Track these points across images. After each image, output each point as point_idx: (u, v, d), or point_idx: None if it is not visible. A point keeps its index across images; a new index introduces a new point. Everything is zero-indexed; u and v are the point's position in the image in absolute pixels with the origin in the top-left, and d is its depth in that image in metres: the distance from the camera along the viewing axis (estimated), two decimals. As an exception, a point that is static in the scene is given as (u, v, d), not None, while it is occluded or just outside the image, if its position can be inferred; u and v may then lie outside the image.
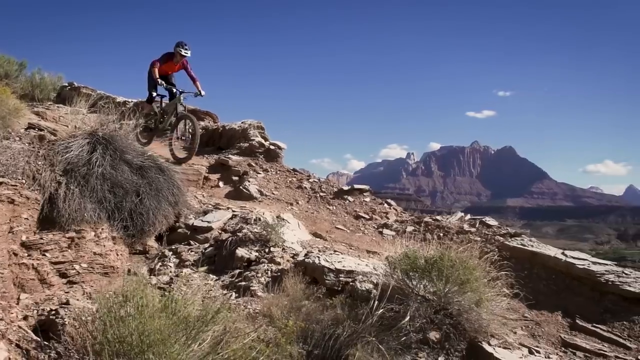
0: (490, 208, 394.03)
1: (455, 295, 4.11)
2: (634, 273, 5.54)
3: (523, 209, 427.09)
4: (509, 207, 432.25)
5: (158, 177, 6.18)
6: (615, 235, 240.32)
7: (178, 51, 9.16)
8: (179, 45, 9.18)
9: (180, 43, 9.21)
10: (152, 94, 9.57)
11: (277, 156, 11.26)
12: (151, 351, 2.16)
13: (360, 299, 4.40)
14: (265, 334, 3.67)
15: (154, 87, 9.43)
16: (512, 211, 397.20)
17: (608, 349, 4.49)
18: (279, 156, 11.29)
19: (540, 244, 6.47)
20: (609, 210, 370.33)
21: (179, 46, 9.16)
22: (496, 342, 4.03)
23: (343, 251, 6.12)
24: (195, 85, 9.46)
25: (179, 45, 9.19)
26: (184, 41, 9.24)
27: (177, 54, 9.22)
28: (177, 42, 9.25)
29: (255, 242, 6.14)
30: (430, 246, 4.59)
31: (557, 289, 5.66)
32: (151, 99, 9.69)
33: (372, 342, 3.63)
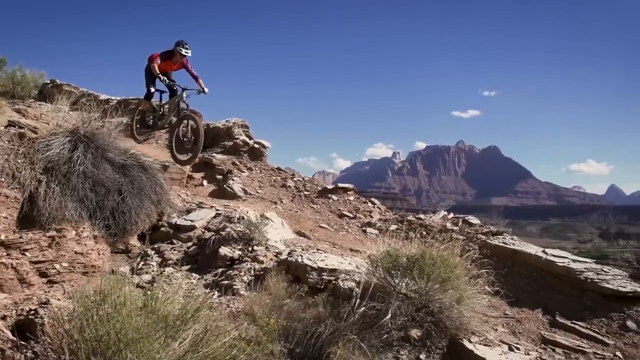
0: (475, 207, 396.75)
1: (436, 293, 4.14)
2: (612, 271, 5.62)
3: (507, 208, 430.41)
4: (493, 206, 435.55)
5: (140, 176, 6.15)
6: (598, 234, 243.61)
7: (178, 50, 8.79)
8: (179, 44, 8.81)
9: (180, 42, 8.82)
10: (150, 89, 9.21)
11: (261, 155, 11.26)
12: (129, 350, 2.15)
13: (342, 297, 4.41)
14: (247, 333, 3.67)
15: (152, 82, 9.09)
16: (496, 210, 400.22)
17: (587, 345, 4.54)
18: (263, 155, 11.28)
19: (521, 243, 6.54)
20: (591, 210, 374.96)
21: (179, 45, 8.80)
22: (477, 340, 4.06)
23: (326, 250, 6.13)
24: (198, 83, 9.09)
25: (179, 44, 8.82)
26: (184, 40, 8.85)
27: (177, 53, 8.85)
28: (177, 41, 8.85)
29: (238, 240, 6.13)
30: (412, 244, 4.62)
31: (538, 286, 5.72)
32: (149, 95, 9.33)
33: (353, 340, 3.64)
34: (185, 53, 8.77)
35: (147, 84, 9.15)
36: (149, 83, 9.11)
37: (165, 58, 8.86)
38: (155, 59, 8.72)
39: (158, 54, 8.80)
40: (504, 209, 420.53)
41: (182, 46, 8.73)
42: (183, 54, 8.76)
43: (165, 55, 8.86)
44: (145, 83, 9.23)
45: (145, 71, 9.11)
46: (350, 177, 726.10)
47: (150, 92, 9.19)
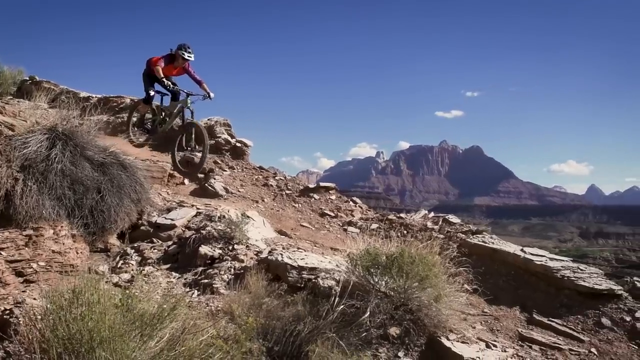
0: (458, 207, 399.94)
1: (415, 291, 4.17)
2: (588, 269, 5.71)
3: (490, 208, 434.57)
4: (476, 206, 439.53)
5: (120, 174, 6.11)
6: (578, 234, 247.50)
7: (180, 54, 8.45)
8: (182, 47, 8.46)
9: (183, 45, 8.48)
10: (150, 92, 8.87)
11: (243, 153, 11.22)
12: (101, 348, 2.13)
13: (322, 296, 4.42)
14: (225, 331, 3.66)
15: (151, 85, 8.80)
16: (479, 210, 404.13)
17: (563, 342, 4.61)
18: (245, 153, 11.25)
19: (500, 241, 6.60)
20: (571, 209, 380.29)
21: (182, 49, 8.45)
22: (455, 337, 4.10)
23: (307, 248, 6.14)
24: (203, 88, 8.80)
25: (181, 47, 8.47)
26: (186, 43, 8.53)
27: (179, 57, 8.52)
28: (179, 45, 8.51)
29: (219, 239, 6.11)
30: (392, 243, 4.64)
31: (516, 284, 5.79)
32: (149, 98, 8.98)
33: (332, 338, 3.66)
34: (188, 57, 8.47)
35: (146, 87, 8.85)
36: (148, 86, 8.82)
37: (167, 62, 8.55)
38: (158, 62, 8.38)
39: (158, 57, 8.48)
40: (487, 208, 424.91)
41: (185, 50, 8.42)
42: (186, 58, 8.46)
43: (167, 59, 8.55)
44: (144, 86, 8.93)
45: (144, 74, 8.81)
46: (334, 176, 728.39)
47: (150, 96, 8.90)
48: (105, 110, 10.73)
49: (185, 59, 8.48)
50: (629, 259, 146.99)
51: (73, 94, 11.74)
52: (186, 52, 8.40)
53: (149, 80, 8.79)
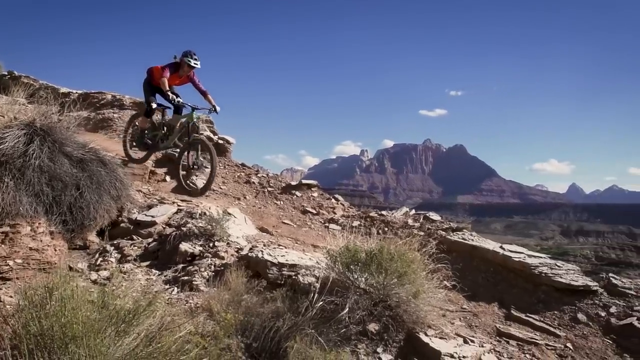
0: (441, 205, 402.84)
1: (394, 288, 4.19)
2: (565, 265, 5.81)
3: (473, 206, 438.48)
4: (459, 204, 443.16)
5: (100, 170, 6.04)
6: (559, 232, 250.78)
7: (186, 62, 7.89)
8: (188, 54, 7.92)
9: (189, 52, 7.93)
10: (152, 105, 8.29)
11: (225, 151, 11.19)
12: (74, 344, 2.12)
13: (301, 292, 4.42)
14: (204, 328, 3.66)
15: (153, 96, 8.28)
16: (462, 208, 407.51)
17: (539, 337, 4.69)
18: (227, 151, 11.22)
19: (480, 238, 6.68)
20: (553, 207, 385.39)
21: (188, 56, 7.90)
22: (433, 333, 4.13)
23: (288, 245, 6.15)
24: (207, 100, 8.24)
25: (187, 54, 7.92)
26: (192, 50, 7.96)
27: (185, 65, 7.96)
28: (184, 52, 7.96)
29: (199, 236, 6.08)
30: (372, 239, 4.67)
31: (495, 281, 5.87)
32: (150, 111, 8.45)
33: (311, 334, 3.67)
34: (195, 65, 7.92)
35: (147, 99, 8.35)
36: (149, 97, 8.31)
37: (172, 71, 7.99)
38: (163, 72, 7.82)
39: (162, 66, 7.95)
40: (470, 206, 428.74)
41: (191, 57, 7.89)
42: (192, 65, 7.91)
43: (172, 68, 8.00)
44: (144, 97, 8.46)
45: (145, 84, 8.34)
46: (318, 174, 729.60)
47: (152, 109, 8.39)
48: (85, 106, 10.57)
49: (191, 67, 7.96)
50: (609, 256, 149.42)
51: (52, 90, 11.60)
52: (192, 59, 7.89)
53: (150, 90, 8.30)
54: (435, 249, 5.27)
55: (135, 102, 13.19)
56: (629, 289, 5.38)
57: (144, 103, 8.67)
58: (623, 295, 5.31)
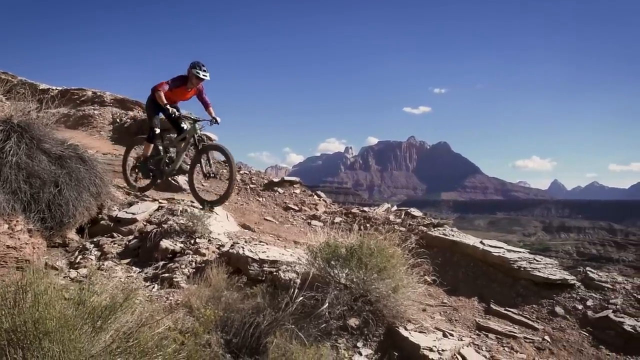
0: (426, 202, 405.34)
1: (374, 282, 4.21)
2: (544, 260, 5.89)
3: (457, 203, 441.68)
4: (443, 201, 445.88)
5: (79, 167, 5.99)
6: (541, 228, 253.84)
7: (195, 74, 7.35)
8: (196, 66, 7.37)
9: (197, 64, 7.38)
10: (156, 130, 7.73)
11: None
12: (47, 339, 2.11)
13: (282, 288, 4.43)
14: (183, 324, 3.65)
15: (157, 120, 7.76)
16: (446, 205, 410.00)
17: (518, 331, 4.75)
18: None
19: (460, 234, 6.74)
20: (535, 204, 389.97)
21: (196, 67, 7.36)
22: (412, 327, 4.16)
23: (270, 242, 6.14)
24: (208, 111, 7.79)
25: (195, 66, 7.37)
26: (200, 61, 7.42)
27: (193, 77, 7.42)
28: (192, 63, 7.41)
29: (180, 233, 6.05)
30: (352, 235, 4.69)
31: (475, 275, 5.93)
32: (154, 136, 7.82)
33: (291, 330, 3.68)
34: (204, 76, 7.41)
35: (151, 122, 7.80)
36: (152, 121, 7.77)
37: (178, 85, 7.48)
38: (160, 86, 7.35)
39: (165, 81, 7.44)
40: (454, 203, 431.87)
41: (200, 68, 7.36)
42: (201, 77, 7.38)
43: (178, 82, 7.48)
44: (148, 121, 7.94)
45: (148, 104, 7.81)
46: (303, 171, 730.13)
47: (156, 133, 7.79)
48: (64, 102, 10.45)
49: (200, 79, 7.43)
50: (589, 252, 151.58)
51: (31, 86, 11.43)
52: (201, 70, 7.36)
53: (154, 110, 7.73)
54: (416, 244, 5.32)
55: (116, 98, 13.07)
56: (605, 282, 5.47)
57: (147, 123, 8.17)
58: (599, 288, 5.40)
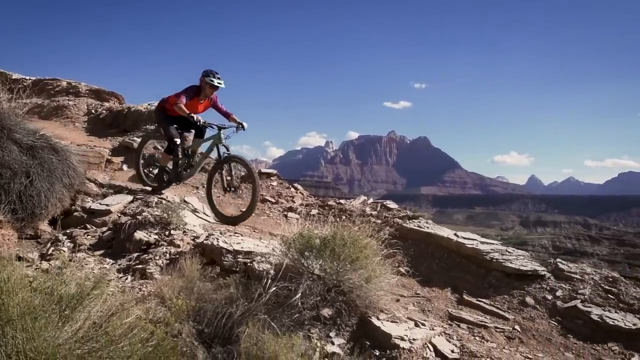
0: (405, 196, 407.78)
1: (347, 273, 4.23)
2: (515, 252, 5.99)
3: (436, 197, 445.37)
4: (422, 195, 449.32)
5: (51, 158, 5.92)
6: (519, 222, 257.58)
7: (209, 82, 6.88)
8: (209, 74, 6.90)
9: (210, 72, 6.91)
10: (176, 141, 7.21)
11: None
12: (10, 327, 2.08)
13: (256, 279, 4.43)
14: (155, 314, 3.64)
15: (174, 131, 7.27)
16: (425, 199, 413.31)
17: (489, 321, 4.82)
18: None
19: (435, 226, 6.80)
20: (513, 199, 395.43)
21: (209, 75, 6.89)
22: (385, 317, 4.19)
23: (246, 234, 6.13)
24: (232, 119, 7.24)
25: (208, 74, 6.90)
26: (213, 69, 6.96)
27: (207, 87, 6.96)
28: (204, 72, 6.95)
29: (155, 225, 6.01)
30: (326, 226, 4.70)
31: (448, 267, 5.99)
32: (174, 148, 7.31)
33: (264, 320, 3.68)
34: (218, 84, 6.93)
35: (168, 134, 7.28)
36: (168, 132, 7.25)
37: (191, 96, 7.00)
38: (178, 99, 6.82)
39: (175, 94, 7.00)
40: (433, 198, 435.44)
41: (213, 76, 6.89)
42: (215, 85, 6.91)
43: (191, 93, 6.99)
44: (164, 134, 7.44)
45: (159, 117, 7.44)
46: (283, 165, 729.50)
47: (176, 144, 7.27)
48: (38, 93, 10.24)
49: (214, 87, 6.96)
50: (565, 245, 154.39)
51: (2, 75, 11.24)
52: (215, 78, 6.88)
53: (168, 123, 7.30)
54: (391, 236, 5.36)
55: (91, 89, 12.89)
56: (574, 273, 5.59)
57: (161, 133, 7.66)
58: (569, 279, 5.51)
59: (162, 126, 7.42)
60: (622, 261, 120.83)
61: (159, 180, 7.67)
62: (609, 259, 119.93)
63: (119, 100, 13.43)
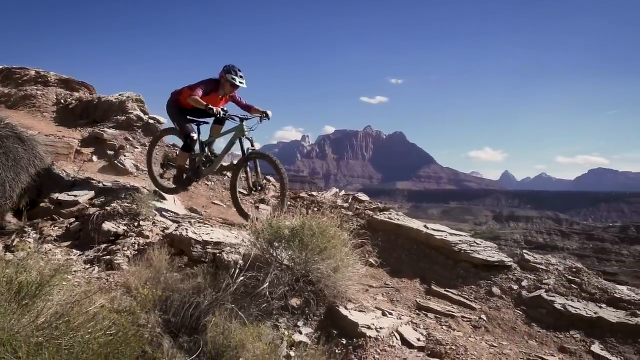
0: (381, 191, 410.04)
1: (315, 263, 4.25)
2: (484, 243, 6.10)
3: (411, 192, 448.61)
4: (398, 190, 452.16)
5: (17, 148, 5.81)
6: (492, 217, 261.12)
7: (230, 80, 6.33)
8: (231, 70, 6.34)
9: (232, 68, 6.36)
10: (192, 135, 6.61)
11: (156, 131, 10.88)
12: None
13: (224, 269, 4.42)
14: (120, 304, 3.60)
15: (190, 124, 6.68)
16: (401, 194, 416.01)
17: (457, 310, 4.90)
18: (158, 131, 10.94)
19: (405, 218, 6.86)
20: (487, 194, 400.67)
21: (231, 72, 6.33)
22: (353, 307, 4.22)
23: (216, 225, 6.10)
24: (256, 110, 6.65)
25: (230, 70, 6.35)
26: (235, 66, 6.39)
27: (227, 84, 6.41)
28: (226, 67, 6.40)
29: (124, 216, 5.95)
30: (296, 217, 4.71)
31: (418, 258, 6.05)
32: (191, 144, 6.68)
33: (232, 309, 3.68)
34: (240, 84, 6.39)
35: (183, 129, 6.66)
36: (184, 127, 6.66)
37: (209, 90, 6.44)
38: (193, 90, 6.28)
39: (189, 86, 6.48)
40: (408, 193, 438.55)
41: (236, 74, 6.33)
42: (237, 84, 6.38)
43: (210, 87, 6.45)
44: (178, 129, 6.84)
45: (172, 111, 6.77)
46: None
47: (193, 140, 6.66)
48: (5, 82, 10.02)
49: (235, 86, 6.45)
50: (536, 240, 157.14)
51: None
52: (237, 76, 6.34)
53: (183, 117, 6.72)
54: (362, 227, 5.39)
55: (61, 79, 12.63)
56: (540, 264, 5.71)
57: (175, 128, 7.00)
58: (534, 270, 5.63)
59: (176, 122, 6.77)
60: (591, 255, 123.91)
61: (178, 182, 7.07)
62: (578, 253, 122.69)
63: (90, 90, 13.20)
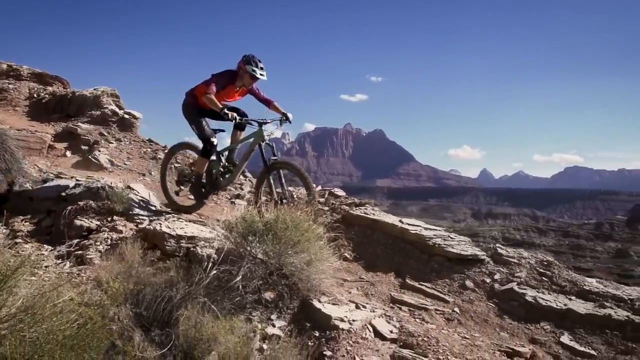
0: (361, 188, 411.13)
1: (288, 256, 4.25)
2: (457, 237, 6.18)
3: (391, 189, 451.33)
4: (378, 188, 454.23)
5: (-14, 142, 5.69)
6: (470, 214, 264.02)
7: (250, 71, 5.73)
8: (251, 61, 5.74)
9: (251, 59, 5.77)
10: (213, 141, 6.04)
11: (131, 126, 10.79)
12: None
13: (197, 263, 4.40)
14: (90, 297, 3.56)
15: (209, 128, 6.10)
16: (380, 191, 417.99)
17: (430, 303, 4.96)
18: (133, 126, 10.82)
19: (381, 213, 6.90)
20: (465, 191, 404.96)
21: (251, 63, 5.73)
22: (326, 299, 4.23)
23: (191, 219, 6.06)
24: (274, 108, 6.13)
25: (249, 61, 5.74)
26: (255, 56, 5.81)
27: (246, 76, 5.83)
28: (245, 57, 5.80)
29: (97, 211, 5.87)
30: (270, 211, 4.70)
31: (393, 252, 6.10)
32: (211, 150, 6.09)
33: (204, 303, 3.66)
34: (260, 76, 5.80)
35: (202, 133, 6.07)
36: (203, 130, 6.06)
37: (226, 83, 5.87)
38: (208, 87, 5.68)
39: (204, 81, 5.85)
40: (388, 190, 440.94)
41: (256, 65, 5.74)
42: (257, 76, 5.80)
43: (225, 79, 5.87)
44: (196, 132, 6.14)
45: (188, 112, 6.16)
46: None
47: (213, 145, 6.07)
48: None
49: (255, 78, 5.86)
50: (514, 237, 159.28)
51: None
52: (258, 68, 5.74)
53: (201, 118, 6.10)
54: (337, 222, 5.41)
55: (34, 72, 12.41)
56: (512, 257, 5.82)
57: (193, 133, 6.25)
58: (507, 263, 5.73)
59: (194, 124, 6.10)
60: (566, 252, 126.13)
61: (196, 193, 6.58)
62: (554, 249, 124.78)
63: (64, 84, 12.97)
